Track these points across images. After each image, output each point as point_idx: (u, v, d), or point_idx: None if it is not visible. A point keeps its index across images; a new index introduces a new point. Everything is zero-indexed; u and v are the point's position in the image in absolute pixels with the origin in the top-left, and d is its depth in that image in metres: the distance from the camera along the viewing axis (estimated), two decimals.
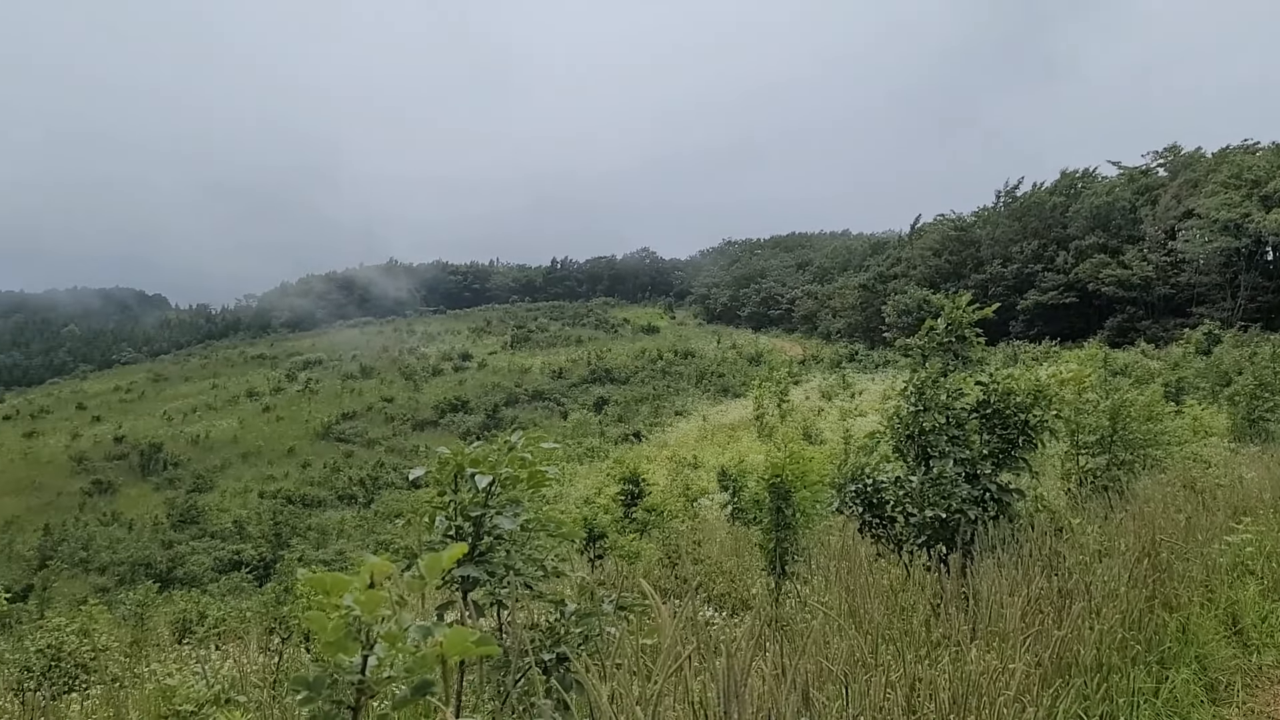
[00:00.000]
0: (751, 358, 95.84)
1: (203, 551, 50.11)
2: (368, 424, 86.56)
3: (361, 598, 1.78)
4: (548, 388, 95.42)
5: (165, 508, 61.39)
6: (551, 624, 3.72)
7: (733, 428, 47.57)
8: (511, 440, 3.84)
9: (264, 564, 45.43)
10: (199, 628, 13.78)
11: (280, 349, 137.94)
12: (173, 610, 15.84)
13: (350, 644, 1.82)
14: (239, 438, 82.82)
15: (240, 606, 17.09)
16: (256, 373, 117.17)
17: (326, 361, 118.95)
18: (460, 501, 3.77)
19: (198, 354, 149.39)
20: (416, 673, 1.82)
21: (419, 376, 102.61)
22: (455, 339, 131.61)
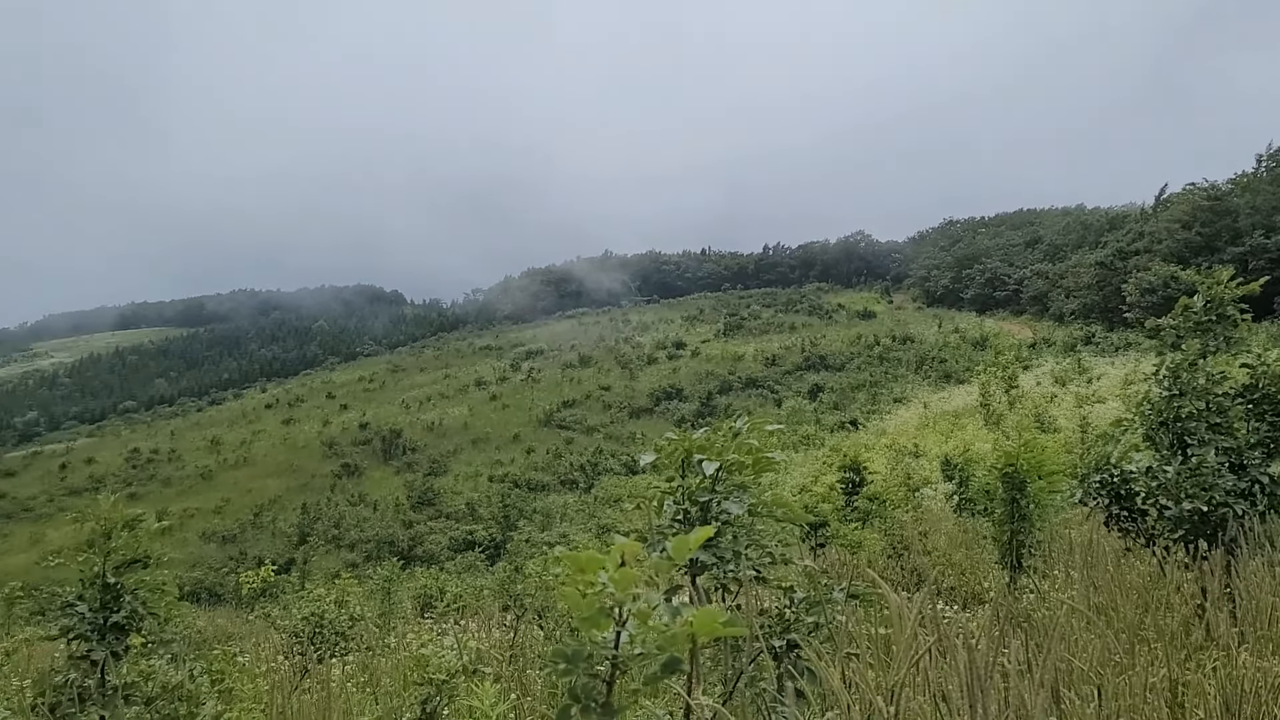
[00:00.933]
0: (976, 342, 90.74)
1: (439, 531, 52.54)
2: (587, 411, 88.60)
3: (615, 576, 1.83)
4: (761, 375, 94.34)
5: (405, 490, 65.05)
6: (780, 610, 3.65)
7: (956, 415, 44.85)
8: (736, 426, 3.83)
9: (494, 544, 47.01)
10: (439, 603, 13.90)
11: (505, 340, 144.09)
12: (414, 586, 16.12)
13: (604, 620, 1.88)
14: (469, 424, 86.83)
15: (475, 584, 17.24)
16: (484, 363, 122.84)
17: (547, 351, 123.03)
18: (688, 486, 3.78)
19: (431, 346, 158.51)
20: (667, 650, 1.84)
21: (634, 365, 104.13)
22: (669, 328, 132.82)
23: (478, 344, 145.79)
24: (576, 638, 1.93)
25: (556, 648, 1.96)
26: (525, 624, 9.55)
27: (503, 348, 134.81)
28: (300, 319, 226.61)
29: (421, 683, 4.07)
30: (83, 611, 4.18)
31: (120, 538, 4.33)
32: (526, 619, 9.52)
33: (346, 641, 8.07)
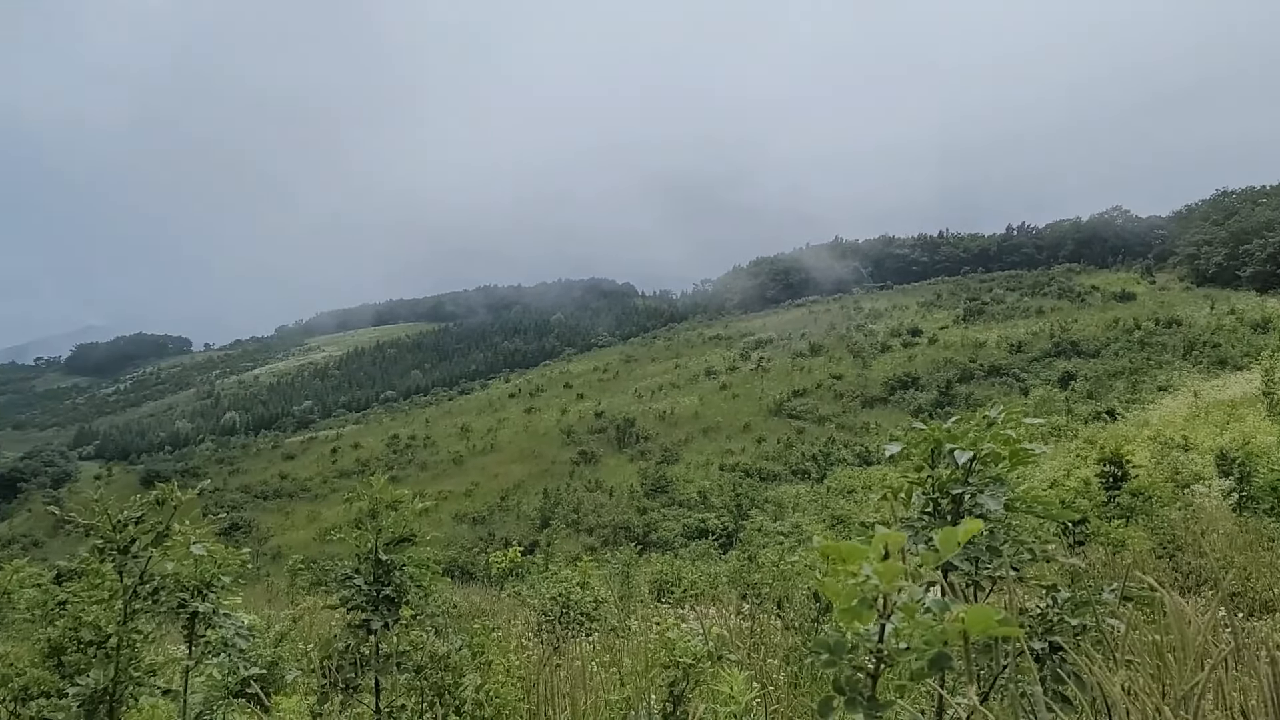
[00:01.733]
0: (1256, 324, 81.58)
1: (672, 518, 53.45)
2: (818, 401, 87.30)
3: (880, 568, 1.77)
4: (1005, 362, 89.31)
5: (639, 477, 66.68)
6: (1042, 610, 3.44)
7: (1233, 405, 40.39)
8: (991, 415, 3.67)
9: (726, 533, 47.23)
10: (675, 589, 14.07)
11: (734, 330, 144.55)
12: (650, 571, 16.41)
13: (866, 612, 1.83)
14: (699, 413, 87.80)
15: (709, 571, 17.34)
16: (713, 353, 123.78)
17: (777, 340, 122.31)
18: (938, 478, 3.64)
19: (661, 337, 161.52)
20: (934, 646, 1.78)
21: (867, 353, 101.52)
22: (903, 314, 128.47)
23: (707, 334, 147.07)
24: (833, 629, 1.89)
25: (819, 637, 1.94)
26: (764, 613, 9.48)
27: (732, 337, 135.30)
28: (539, 313, 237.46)
29: (668, 665, 4.08)
30: (359, 584, 4.49)
31: (389, 517, 4.61)
32: (765, 608, 9.46)
33: (591, 622, 8.30)
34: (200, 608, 4.00)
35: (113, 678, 3.84)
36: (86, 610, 4.26)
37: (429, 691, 4.09)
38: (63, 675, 4.29)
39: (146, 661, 3.94)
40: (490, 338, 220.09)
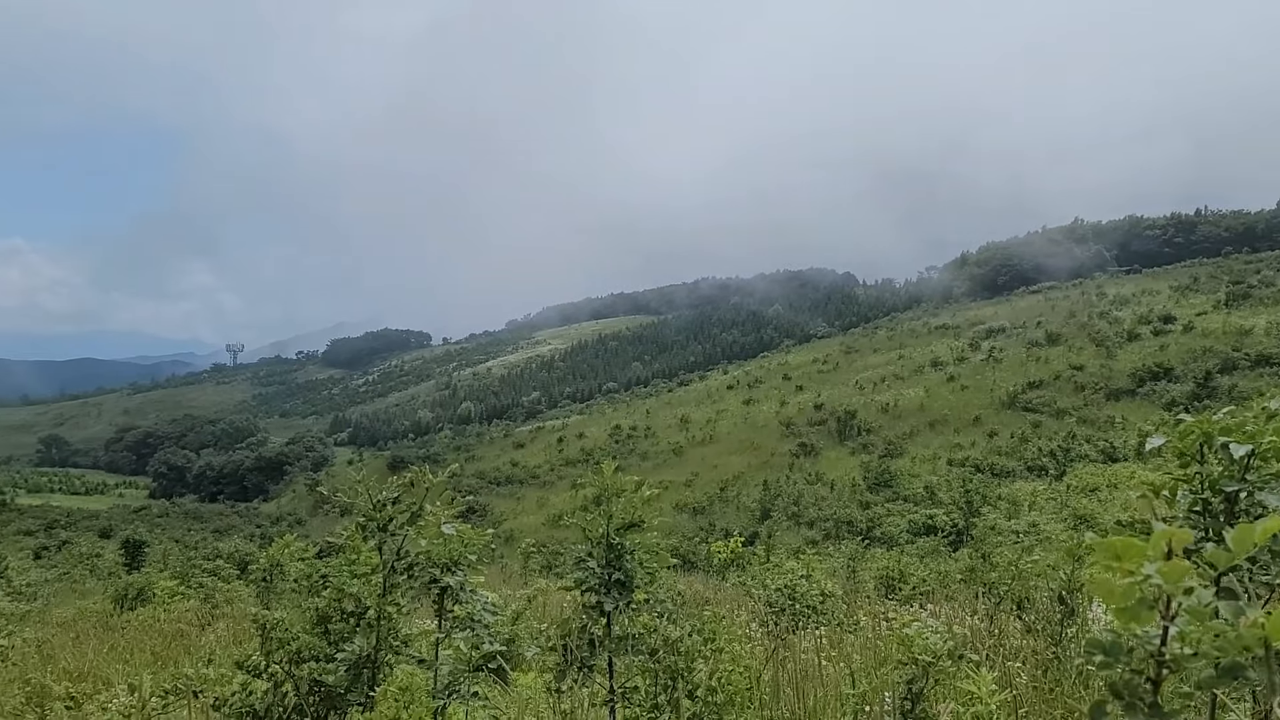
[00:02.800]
0: None
1: (897, 514, 51.89)
2: (1055, 393, 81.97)
3: (1164, 567, 1.64)
4: (1276, 351, 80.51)
5: (860, 471, 65.17)
6: None
7: None
8: (1272, 406, 3.36)
9: (955, 530, 45.36)
10: (903, 585, 13.65)
11: (961, 319, 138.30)
12: (875, 566, 16.01)
13: (1145, 613, 1.69)
14: (925, 406, 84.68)
15: (938, 569, 16.71)
16: (940, 342, 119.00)
17: (1009, 329, 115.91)
18: (1207, 474, 3.35)
19: (884, 326, 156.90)
20: (1228, 653, 1.61)
21: (1111, 342, 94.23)
22: (1153, 300, 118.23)
23: (933, 323, 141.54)
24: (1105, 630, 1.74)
25: (1091, 638, 1.81)
26: (1002, 614, 9.03)
27: (960, 326, 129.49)
28: (756, 304, 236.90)
29: (905, 662, 3.95)
30: (592, 567, 4.63)
31: (618, 503, 4.72)
32: (1003, 609, 9.01)
33: (818, 615, 8.19)
34: (450, 583, 4.24)
35: (374, 646, 4.16)
36: (348, 583, 4.63)
37: (663, 674, 4.16)
38: (329, 641, 4.68)
39: (403, 632, 4.24)
40: (708, 330, 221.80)
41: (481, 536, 4.46)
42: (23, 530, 54.78)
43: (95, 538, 48.50)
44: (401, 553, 4.21)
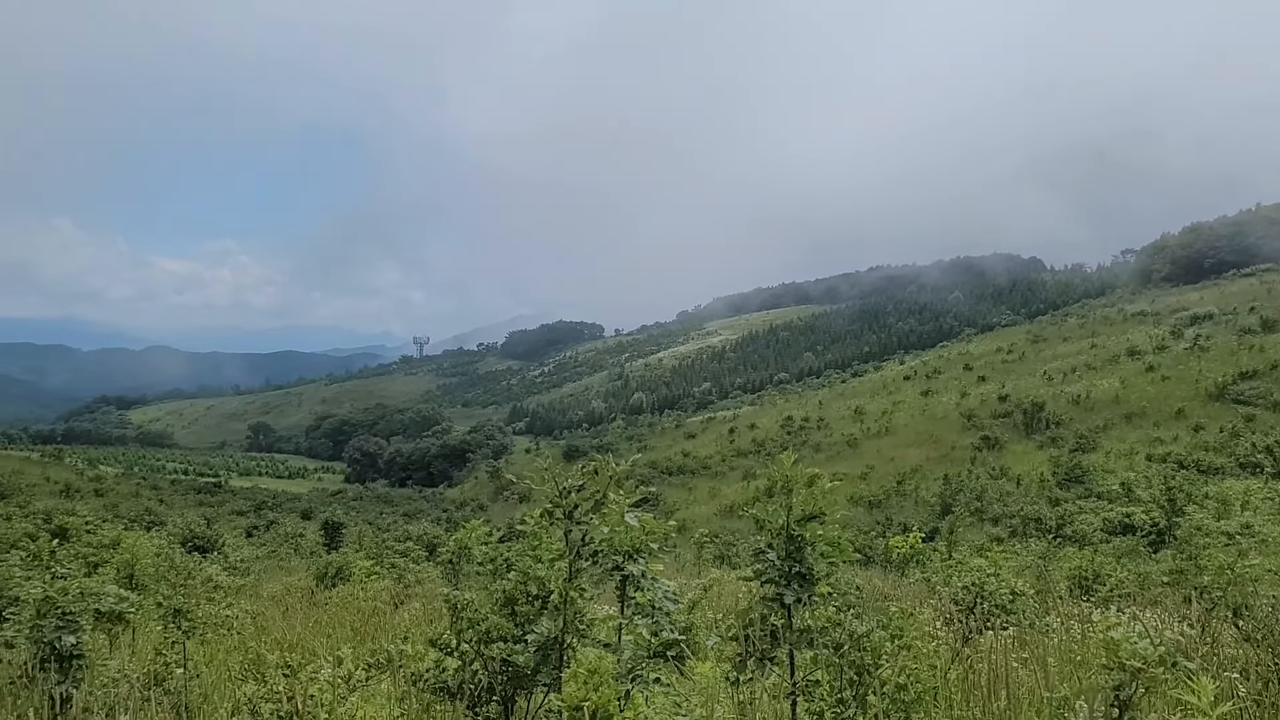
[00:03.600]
0: None
1: (1089, 511, 49.00)
2: (1272, 384, 75.22)
3: None
4: None
5: (1049, 465, 61.94)
6: None
7: None
8: None
9: (1156, 529, 42.47)
10: (1099, 586, 12.88)
11: (1161, 305, 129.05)
12: (1067, 566, 15.18)
13: None
14: (1121, 397, 79.55)
15: (1137, 570, 15.68)
16: (1137, 330, 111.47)
17: (1218, 316, 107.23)
18: None
19: (1074, 313, 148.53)
20: None
21: None
22: None
23: (1129, 310, 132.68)
24: None
25: None
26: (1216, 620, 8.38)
27: (1159, 313, 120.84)
28: (934, 292, 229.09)
29: (1111, 667, 3.70)
30: (772, 559, 4.59)
31: (799, 494, 4.65)
32: (1217, 615, 8.35)
33: (1007, 615, 7.84)
34: (632, 570, 4.30)
35: (561, 629, 4.27)
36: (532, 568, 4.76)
37: (848, 669, 4.07)
38: (516, 623, 4.83)
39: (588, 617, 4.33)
40: (883, 319, 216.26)
41: (663, 526, 4.49)
42: (236, 510, 59.39)
43: (298, 519, 52.16)
44: (586, 539, 4.29)
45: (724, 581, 10.60)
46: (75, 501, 38.47)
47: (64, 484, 50.35)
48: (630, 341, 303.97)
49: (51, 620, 4.92)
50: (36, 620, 4.92)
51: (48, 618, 4.92)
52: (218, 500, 70.00)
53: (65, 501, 36.56)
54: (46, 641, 4.88)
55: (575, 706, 3.05)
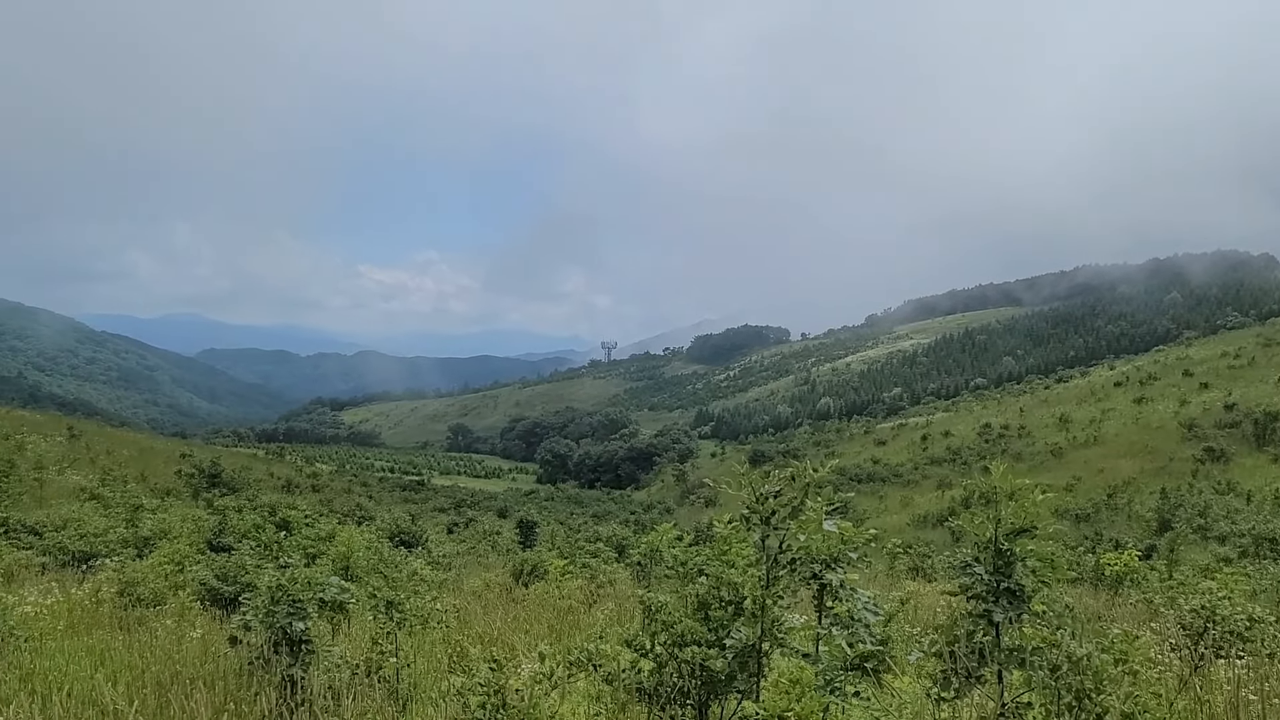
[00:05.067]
0: None
1: None
2: None
3: None
4: None
5: None
6: None
7: None
8: None
9: None
10: None
11: None
12: None
13: None
14: None
15: None
16: None
17: None
18: None
19: None
20: None
21: None
22: None
23: None
24: None
25: None
26: None
27: None
28: (1148, 293, 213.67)
29: None
30: (979, 573, 4.37)
31: (1009, 506, 4.42)
32: None
33: (1242, 643, 7.16)
34: (831, 579, 4.20)
35: (759, 635, 4.22)
36: (725, 572, 4.73)
37: (1065, 693, 3.82)
38: (709, 628, 4.82)
39: (785, 625, 4.26)
40: (1090, 321, 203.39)
41: (862, 535, 4.37)
42: (437, 508, 62.46)
43: (495, 517, 54.35)
44: (783, 546, 4.23)
45: (922, 594, 10.24)
46: (295, 496, 41.56)
47: (285, 480, 54.44)
48: (817, 346, 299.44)
49: (283, 607, 5.32)
50: (270, 606, 5.34)
51: (280, 604, 5.33)
52: (421, 498, 73.82)
53: (286, 496, 39.57)
54: (279, 626, 5.28)
55: (778, 716, 3.00)
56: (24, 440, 34.54)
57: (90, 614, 9.00)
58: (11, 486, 21.92)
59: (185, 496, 31.60)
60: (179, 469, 39.87)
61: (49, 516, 16.72)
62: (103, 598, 9.52)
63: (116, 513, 19.13)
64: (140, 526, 16.18)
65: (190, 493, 33.39)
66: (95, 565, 12.13)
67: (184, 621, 8.07)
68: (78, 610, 9.09)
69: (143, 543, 14.58)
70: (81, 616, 8.84)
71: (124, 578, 9.56)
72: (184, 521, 18.48)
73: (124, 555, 12.53)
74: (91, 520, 16.58)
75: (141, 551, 13.66)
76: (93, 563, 12.52)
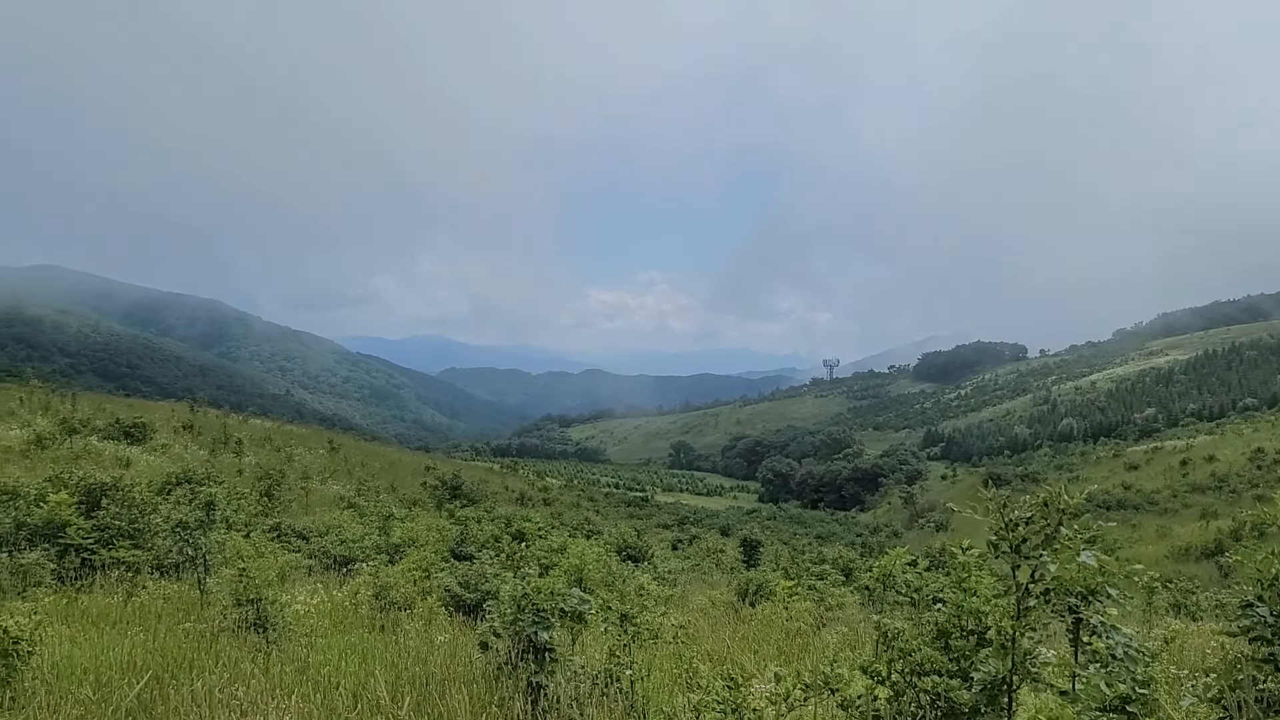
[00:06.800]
0: None
1: None
2: None
3: None
4: None
5: None
6: None
7: None
8: None
9: None
10: None
11: None
12: None
13: None
14: None
15: None
16: None
17: None
18: None
19: None
20: None
21: None
22: None
23: None
24: None
25: None
26: None
27: None
28: None
29: None
30: (1263, 614, 3.96)
31: None
32: None
33: None
34: (1089, 616, 3.92)
35: (1010, 669, 3.99)
36: (967, 601, 4.52)
37: None
38: (950, 658, 4.62)
39: (1038, 659, 4.01)
40: None
41: (1124, 568, 4.05)
42: (661, 524, 63.38)
43: (718, 535, 54.51)
44: (1036, 576, 3.99)
45: (1186, 634, 9.36)
46: (528, 509, 43.44)
47: (519, 493, 56.96)
48: (1057, 363, 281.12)
49: (528, 616, 5.57)
50: (516, 615, 5.61)
51: (525, 613, 5.58)
52: (645, 513, 75.23)
53: (520, 508, 41.40)
54: (524, 635, 5.54)
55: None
56: (292, 452, 38.13)
57: (350, 614, 9.77)
58: (283, 494, 24.23)
59: (429, 507, 33.73)
60: (424, 481, 42.64)
61: (314, 523, 18.31)
62: (360, 600, 10.32)
63: (370, 521, 20.71)
64: (391, 534, 17.43)
65: (434, 503, 35.61)
66: (353, 569, 13.12)
67: (431, 625, 8.60)
68: (339, 610, 9.89)
69: (393, 549, 15.67)
70: (342, 616, 9.61)
71: (378, 582, 10.31)
72: (429, 530, 19.74)
73: (378, 561, 13.49)
74: (350, 527, 18.04)
75: (393, 558, 14.68)
76: (351, 566, 13.56)
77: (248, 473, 26.82)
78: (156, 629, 7.44)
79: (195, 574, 9.45)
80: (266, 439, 41.11)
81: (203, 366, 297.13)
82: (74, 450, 22.43)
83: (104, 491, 11.51)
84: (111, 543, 10.30)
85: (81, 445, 23.51)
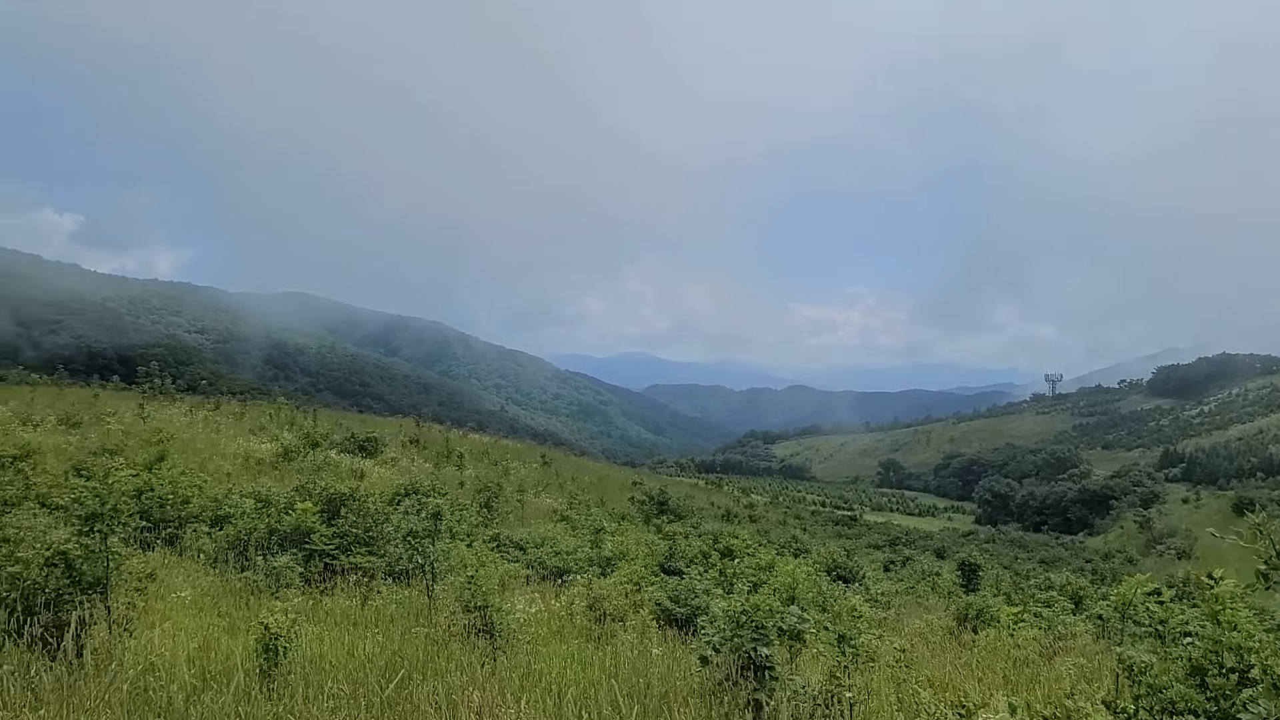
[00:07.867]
0: None
1: None
2: None
3: None
4: None
5: None
6: None
7: None
8: None
9: None
10: None
11: None
12: None
13: None
14: None
15: None
16: None
17: None
18: None
19: None
20: None
21: None
22: None
23: None
24: None
25: None
26: None
27: None
28: None
29: None
30: None
31: None
32: None
33: None
34: None
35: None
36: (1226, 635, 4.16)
37: None
38: (1207, 696, 4.26)
39: None
40: None
41: None
42: (871, 544, 61.72)
43: (932, 557, 52.47)
44: None
45: None
46: (734, 525, 43.38)
47: (724, 509, 56.97)
48: None
49: (747, 632, 5.55)
50: (735, 630, 5.60)
51: (744, 629, 5.57)
52: (854, 533, 73.46)
53: (726, 525, 41.41)
54: (744, 651, 5.52)
55: None
56: (508, 466, 39.87)
57: (566, 623, 10.06)
58: (500, 506, 25.33)
59: (637, 521, 34.35)
60: (631, 496, 43.49)
61: (530, 534, 19.03)
62: (574, 610, 10.61)
63: (582, 533, 21.30)
64: (602, 547, 17.85)
65: (642, 518, 36.23)
66: (567, 580, 13.53)
67: (644, 638, 8.72)
68: (555, 620, 10.21)
69: (605, 562, 16.03)
70: (559, 626, 9.91)
71: (592, 594, 10.58)
72: (638, 545, 20.09)
73: (590, 573, 13.85)
74: (563, 539, 18.63)
75: (604, 570, 15.02)
76: (565, 578, 13.98)
77: (468, 485, 28.21)
78: (390, 631, 7.94)
79: (424, 580, 9.99)
80: (484, 453, 43.15)
81: (426, 384, 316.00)
82: (316, 462, 24.32)
83: (342, 501, 12.42)
84: (350, 549, 11.09)
85: (322, 458, 25.45)
